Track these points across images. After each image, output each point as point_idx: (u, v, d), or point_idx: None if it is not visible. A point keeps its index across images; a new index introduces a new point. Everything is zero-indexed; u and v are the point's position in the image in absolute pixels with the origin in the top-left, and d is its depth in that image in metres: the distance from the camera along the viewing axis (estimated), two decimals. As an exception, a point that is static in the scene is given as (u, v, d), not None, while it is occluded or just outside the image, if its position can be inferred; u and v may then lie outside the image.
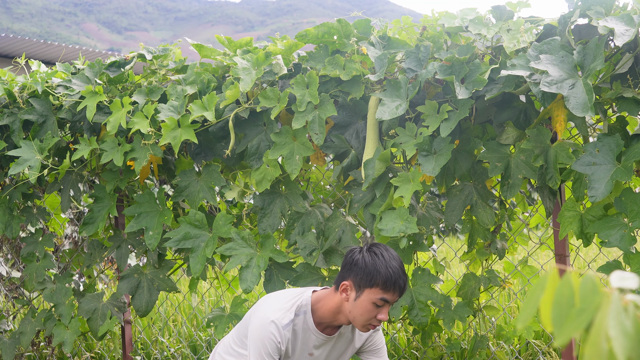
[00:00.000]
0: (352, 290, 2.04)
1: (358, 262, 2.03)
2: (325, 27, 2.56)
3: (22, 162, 2.96)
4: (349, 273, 2.05)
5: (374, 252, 2.05)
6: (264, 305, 2.13)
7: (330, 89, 2.61)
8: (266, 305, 2.13)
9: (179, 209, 3.24)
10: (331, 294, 2.12)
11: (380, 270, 2.00)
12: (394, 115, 2.33)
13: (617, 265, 2.26)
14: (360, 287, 2.02)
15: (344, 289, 2.05)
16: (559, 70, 2.04)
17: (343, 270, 2.09)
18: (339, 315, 2.10)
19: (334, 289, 2.13)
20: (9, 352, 3.57)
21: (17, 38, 11.13)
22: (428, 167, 2.32)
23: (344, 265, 2.09)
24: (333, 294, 2.11)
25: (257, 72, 2.59)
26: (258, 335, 2.06)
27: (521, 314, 0.87)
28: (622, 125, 2.33)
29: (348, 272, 2.05)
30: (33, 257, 3.45)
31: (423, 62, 2.37)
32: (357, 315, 2.04)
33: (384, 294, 2.00)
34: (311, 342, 2.14)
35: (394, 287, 2.01)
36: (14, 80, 3.34)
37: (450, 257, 6.65)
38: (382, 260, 2.02)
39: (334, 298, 2.10)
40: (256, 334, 2.06)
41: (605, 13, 2.11)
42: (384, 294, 2.00)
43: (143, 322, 4.85)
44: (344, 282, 2.05)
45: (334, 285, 2.14)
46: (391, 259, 2.04)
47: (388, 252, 2.07)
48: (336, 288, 2.10)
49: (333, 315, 2.10)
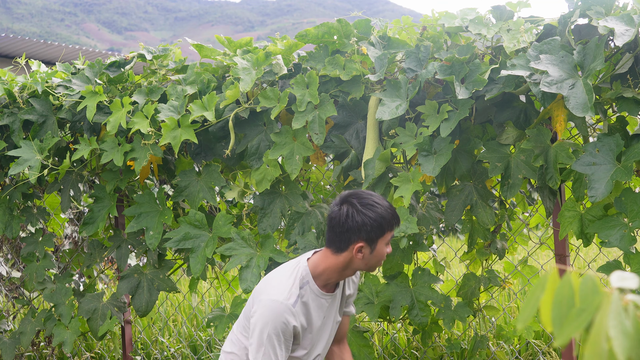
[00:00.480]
0: (367, 247, 2.03)
1: (363, 222, 2.00)
2: (325, 27, 2.56)
3: (22, 162, 2.96)
4: (357, 235, 2.01)
5: (368, 204, 2.02)
6: (267, 288, 2.07)
7: (330, 89, 2.61)
8: (269, 287, 2.07)
9: (179, 209, 3.24)
10: (331, 256, 2.07)
11: (385, 216, 2.02)
12: (394, 115, 2.33)
13: (617, 265, 2.26)
14: (373, 240, 2.03)
15: (359, 250, 2.03)
16: (559, 70, 2.04)
17: (344, 233, 2.02)
18: (345, 271, 2.10)
19: (331, 251, 2.07)
20: (9, 352, 3.57)
21: (17, 38, 11.13)
22: (428, 167, 2.32)
23: (343, 229, 2.02)
24: (334, 255, 2.07)
25: (257, 72, 2.60)
26: (267, 320, 2.00)
27: (521, 314, 0.87)
28: (622, 125, 2.33)
29: (355, 234, 2.01)
30: (33, 257, 3.45)
31: (423, 62, 2.37)
32: (374, 264, 2.09)
33: (392, 232, 2.07)
34: (323, 306, 2.14)
35: (397, 221, 2.08)
36: (14, 80, 3.34)
37: (450, 257, 6.64)
38: (379, 207, 2.02)
39: (338, 259, 2.06)
40: (265, 319, 2.00)
41: (605, 13, 2.11)
42: (392, 232, 2.07)
43: (143, 322, 4.85)
44: (357, 245, 2.02)
45: (329, 248, 2.07)
46: (380, 199, 2.05)
47: (372, 195, 2.06)
48: (336, 250, 2.05)
49: (339, 274, 2.10)
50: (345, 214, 2.01)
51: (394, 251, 2.63)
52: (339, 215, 2.02)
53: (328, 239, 2.08)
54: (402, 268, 2.68)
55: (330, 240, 2.07)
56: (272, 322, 1.99)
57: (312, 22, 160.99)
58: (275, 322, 1.99)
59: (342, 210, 2.02)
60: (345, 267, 2.08)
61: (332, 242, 2.06)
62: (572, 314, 0.81)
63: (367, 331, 2.76)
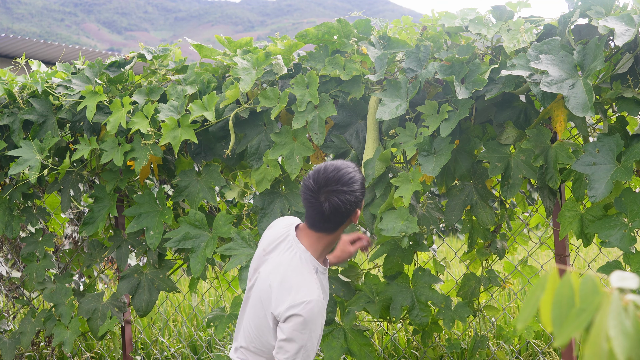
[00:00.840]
0: (360, 210, 2.07)
1: (356, 197, 2.00)
2: (325, 27, 2.56)
3: (22, 162, 2.96)
4: (354, 209, 2.01)
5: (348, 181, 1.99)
6: (293, 289, 1.98)
7: (330, 89, 2.61)
8: (297, 286, 1.98)
9: (179, 208, 3.24)
10: (326, 237, 2.06)
11: (361, 177, 2.06)
12: (394, 115, 2.33)
13: (617, 265, 2.26)
14: (362, 201, 2.07)
15: (356, 217, 2.06)
16: (559, 70, 2.04)
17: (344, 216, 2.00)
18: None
19: (325, 233, 2.05)
20: (9, 352, 3.57)
21: (17, 38, 11.13)
22: (428, 167, 2.32)
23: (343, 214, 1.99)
24: (330, 235, 2.06)
25: (257, 72, 2.60)
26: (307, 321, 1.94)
27: (521, 314, 0.87)
28: (622, 125, 2.33)
29: (352, 210, 2.01)
30: (33, 257, 3.45)
31: (423, 62, 2.37)
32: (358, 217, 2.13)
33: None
34: (327, 282, 2.17)
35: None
36: (14, 80, 3.34)
37: (450, 257, 6.65)
38: (354, 172, 2.03)
39: (335, 234, 2.07)
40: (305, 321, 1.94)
41: (605, 13, 2.11)
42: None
43: (143, 322, 4.85)
44: (354, 216, 2.04)
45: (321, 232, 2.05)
46: (347, 164, 2.04)
47: (341, 168, 2.02)
48: (333, 229, 2.04)
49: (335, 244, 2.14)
50: (340, 203, 1.97)
51: (394, 251, 2.63)
52: (334, 206, 1.97)
53: (322, 227, 2.03)
54: (402, 268, 2.68)
55: (325, 227, 2.03)
56: (311, 323, 1.96)
57: (312, 22, 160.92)
58: (315, 322, 1.96)
59: (332, 200, 1.97)
60: (340, 235, 2.10)
61: (327, 228, 2.04)
62: (572, 314, 0.81)
63: (367, 330, 2.76)
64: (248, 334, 2.13)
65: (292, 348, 1.96)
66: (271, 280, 2.03)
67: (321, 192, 1.98)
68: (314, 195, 1.98)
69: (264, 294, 2.05)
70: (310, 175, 2.02)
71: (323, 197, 1.97)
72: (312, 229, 2.05)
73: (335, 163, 2.04)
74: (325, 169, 2.01)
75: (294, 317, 1.95)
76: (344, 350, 2.67)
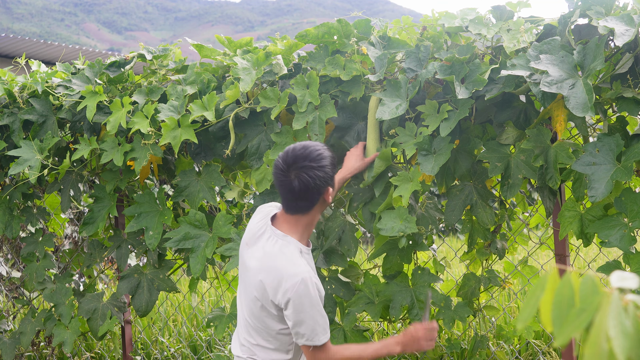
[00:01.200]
0: (332, 188, 2.10)
1: (326, 173, 2.03)
2: (325, 27, 2.56)
3: (22, 162, 2.96)
4: (325, 185, 2.04)
5: (317, 157, 2.03)
6: (281, 269, 2.01)
7: (331, 89, 2.61)
8: (284, 269, 2.01)
9: (179, 209, 3.24)
10: (303, 217, 2.09)
11: (330, 154, 2.08)
12: (394, 115, 2.33)
13: (617, 265, 2.26)
14: (333, 178, 2.09)
15: (329, 194, 2.08)
16: (559, 70, 2.04)
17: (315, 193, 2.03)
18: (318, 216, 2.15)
19: (301, 214, 2.08)
20: (9, 352, 3.57)
21: (17, 38, 11.13)
22: (427, 167, 2.32)
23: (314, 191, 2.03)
24: (306, 215, 2.09)
25: (257, 72, 2.60)
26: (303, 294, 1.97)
27: (521, 314, 0.87)
28: (622, 125, 2.33)
29: (323, 187, 2.04)
30: (33, 257, 3.45)
31: (423, 62, 2.37)
32: (334, 194, 2.18)
33: None
34: (312, 262, 2.19)
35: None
36: (14, 80, 3.34)
37: (450, 257, 6.64)
38: (322, 149, 2.06)
39: (312, 214, 2.10)
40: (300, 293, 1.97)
41: (605, 13, 2.11)
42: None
43: (143, 322, 4.85)
44: (326, 193, 2.06)
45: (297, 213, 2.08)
46: (314, 143, 2.08)
47: (308, 147, 2.06)
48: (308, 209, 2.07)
49: (315, 223, 2.16)
50: (309, 179, 2.00)
51: (394, 251, 2.63)
52: (303, 183, 2.01)
53: (296, 207, 2.07)
54: (401, 268, 2.68)
55: (299, 207, 2.07)
56: (309, 297, 1.98)
57: (312, 22, 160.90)
58: (312, 296, 1.98)
59: (302, 178, 2.00)
60: (317, 214, 2.12)
61: (301, 207, 2.07)
62: (572, 314, 0.81)
63: (367, 330, 2.76)
64: (250, 326, 2.15)
65: (306, 328, 2.00)
66: (261, 276, 2.06)
67: (290, 170, 2.02)
68: (284, 173, 2.03)
69: (257, 290, 2.07)
70: (280, 156, 2.07)
71: (293, 174, 2.02)
72: (288, 212, 2.09)
73: (304, 142, 2.09)
74: (293, 148, 2.06)
75: (292, 300, 1.98)
76: (344, 350, 2.67)
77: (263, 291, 2.05)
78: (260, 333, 2.12)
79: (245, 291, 2.16)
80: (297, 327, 2.01)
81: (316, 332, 2.01)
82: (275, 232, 2.10)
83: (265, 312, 2.08)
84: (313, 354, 2.05)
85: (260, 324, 2.11)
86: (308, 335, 2.01)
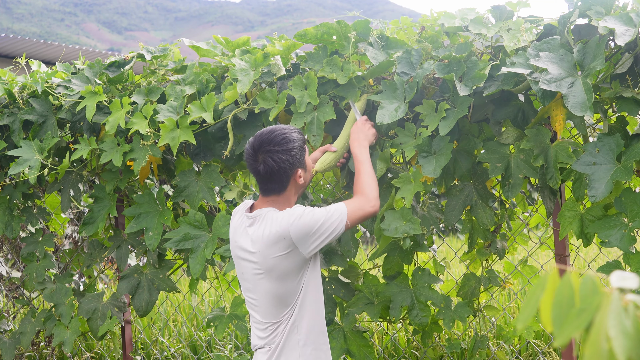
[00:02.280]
0: (301, 169, 2.15)
1: (291, 156, 2.09)
2: (324, 27, 2.56)
3: (22, 162, 2.96)
4: (292, 168, 2.10)
5: (282, 140, 2.08)
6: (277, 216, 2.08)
7: (329, 90, 2.60)
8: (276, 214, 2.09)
9: (178, 209, 3.23)
10: (277, 198, 2.14)
11: (298, 137, 2.13)
12: (394, 119, 2.31)
13: (617, 265, 2.26)
14: (302, 161, 2.15)
15: (299, 176, 2.14)
16: (559, 69, 2.04)
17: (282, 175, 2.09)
18: (293, 195, 2.21)
19: (275, 195, 2.13)
20: (9, 352, 3.57)
21: (17, 38, 11.13)
22: (429, 169, 2.31)
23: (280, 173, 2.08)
24: (280, 196, 2.14)
25: (255, 73, 2.59)
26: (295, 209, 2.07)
27: (521, 314, 0.87)
28: (622, 125, 2.33)
29: (290, 169, 2.10)
30: (33, 257, 3.44)
31: (416, 65, 2.37)
32: (309, 177, 2.24)
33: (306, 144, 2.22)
34: None
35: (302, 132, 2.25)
36: (14, 80, 3.34)
37: (450, 257, 6.65)
38: (289, 133, 2.11)
39: (285, 195, 2.15)
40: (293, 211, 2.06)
41: (605, 13, 2.11)
42: (306, 143, 2.21)
43: (143, 322, 4.85)
44: (295, 175, 2.12)
45: (271, 194, 2.13)
46: (282, 127, 2.14)
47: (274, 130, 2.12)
48: (280, 191, 2.13)
49: (294, 199, 2.21)
50: (273, 163, 2.07)
51: (394, 251, 2.63)
52: (268, 167, 2.07)
53: (268, 189, 2.13)
54: (402, 268, 2.68)
55: (271, 189, 2.13)
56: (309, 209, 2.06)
57: (312, 22, 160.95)
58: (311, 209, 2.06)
59: (267, 161, 2.07)
60: (293, 196, 2.18)
61: (274, 189, 2.13)
62: (572, 314, 0.81)
63: (367, 331, 2.76)
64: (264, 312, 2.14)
65: (320, 216, 2.06)
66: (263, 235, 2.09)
67: (257, 154, 2.09)
68: (252, 157, 2.10)
69: (268, 260, 2.08)
70: (249, 140, 2.14)
71: (260, 158, 2.09)
72: (263, 195, 2.16)
73: (272, 126, 2.15)
74: (261, 132, 2.13)
75: (297, 220, 2.03)
76: (344, 351, 2.67)
77: (271, 243, 2.07)
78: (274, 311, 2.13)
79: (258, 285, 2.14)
80: (315, 223, 2.05)
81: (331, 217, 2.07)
82: (251, 214, 2.15)
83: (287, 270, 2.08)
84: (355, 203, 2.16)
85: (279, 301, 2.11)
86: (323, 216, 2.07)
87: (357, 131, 2.39)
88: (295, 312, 2.11)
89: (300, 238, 2.04)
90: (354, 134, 2.38)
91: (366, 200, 2.18)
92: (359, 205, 2.16)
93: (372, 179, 2.24)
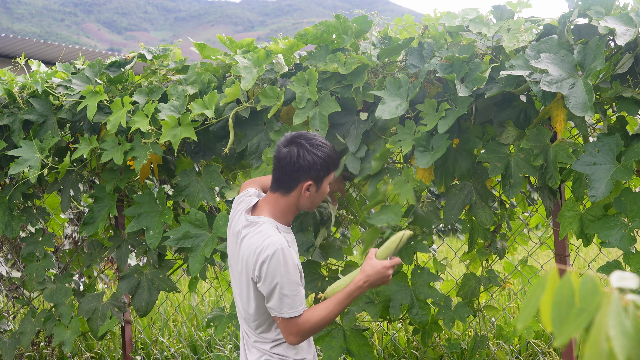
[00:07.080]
0: (314, 186, 2.12)
1: (313, 161, 2.08)
2: (323, 25, 2.56)
3: (22, 162, 2.96)
4: (306, 174, 2.09)
5: (316, 144, 2.09)
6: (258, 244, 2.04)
7: (330, 86, 2.60)
8: (258, 242, 2.04)
9: (179, 208, 3.24)
10: (281, 199, 2.13)
11: (332, 156, 2.14)
12: (393, 115, 2.33)
13: (617, 265, 2.26)
14: (320, 179, 2.13)
15: (307, 188, 2.11)
16: (559, 70, 2.04)
17: (295, 172, 2.08)
18: (295, 208, 2.19)
19: (280, 193, 2.13)
20: (9, 352, 3.57)
21: (17, 38, 11.13)
22: (423, 161, 2.33)
23: (294, 169, 2.08)
24: (284, 197, 2.13)
25: (258, 70, 2.59)
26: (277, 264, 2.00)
27: (521, 314, 0.87)
28: (622, 125, 2.33)
29: (305, 173, 2.08)
30: (33, 257, 3.44)
31: (426, 59, 2.38)
32: (317, 202, 2.19)
33: (334, 172, 2.20)
34: (292, 238, 2.23)
35: (339, 162, 2.23)
36: (14, 80, 3.34)
37: (450, 257, 6.65)
38: (326, 147, 2.12)
39: (288, 199, 2.13)
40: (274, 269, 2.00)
41: (605, 13, 2.11)
42: (335, 171, 2.20)
43: (143, 322, 4.85)
44: (305, 184, 2.10)
45: (277, 191, 2.13)
46: (326, 141, 2.15)
47: (317, 137, 2.13)
48: (286, 191, 2.12)
49: (294, 212, 2.19)
50: (296, 154, 2.07)
51: (394, 251, 2.63)
52: (289, 155, 2.08)
53: (277, 180, 2.13)
54: (401, 267, 2.68)
55: (280, 180, 2.12)
56: (278, 261, 2.00)
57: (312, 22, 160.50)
58: (282, 262, 2.00)
59: (292, 150, 2.08)
60: (296, 206, 2.16)
61: (282, 183, 2.12)
62: (572, 314, 0.81)
63: (367, 330, 2.76)
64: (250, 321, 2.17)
65: (274, 300, 2.02)
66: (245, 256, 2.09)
67: (290, 142, 2.11)
68: (284, 143, 2.12)
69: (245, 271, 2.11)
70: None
71: (289, 145, 2.10)
72: (271, 189, 2.15)
73: (318, 134, 2.17)
74: (308, 132, 2.16)
75: (264, 265, 2.01)
76: (343, 350, 2.67)
77: (248, 270, 2.08)
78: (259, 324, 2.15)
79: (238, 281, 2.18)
80: (271, 299, 2.03)
81: (284, 304, 2.02)
82: (250, 217, 2.14)
83: (254, 293, 2.10)
84: (283, 325, 2.07)
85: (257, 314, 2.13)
86: (276, 306, 2.03)
87: (376, 269, 2.12)
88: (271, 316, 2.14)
89: (261, 286, 2.05)
90: (372, 268, 2.11)
91: (298, 335, 2.07)
92: (295, 329, 2.06)
93: (323, 325, 2.10)
